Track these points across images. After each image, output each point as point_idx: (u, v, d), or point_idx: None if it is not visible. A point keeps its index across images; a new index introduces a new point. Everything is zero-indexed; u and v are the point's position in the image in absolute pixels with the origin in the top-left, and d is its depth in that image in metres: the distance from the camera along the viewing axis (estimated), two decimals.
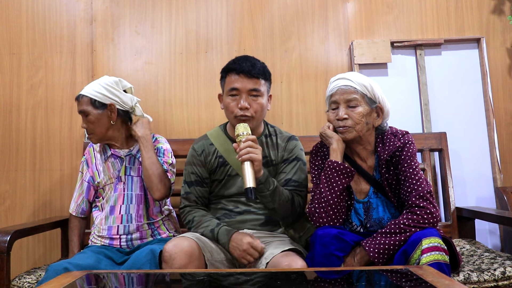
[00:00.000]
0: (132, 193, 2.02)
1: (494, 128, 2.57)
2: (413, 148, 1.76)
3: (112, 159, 2.07)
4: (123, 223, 1.99)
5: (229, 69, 1.87)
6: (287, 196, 1.79)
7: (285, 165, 1.90)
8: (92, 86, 2.00)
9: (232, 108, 1.84)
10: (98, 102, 1.98)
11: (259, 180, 1.72)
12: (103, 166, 2.07)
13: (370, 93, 1.75)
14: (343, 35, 2.67)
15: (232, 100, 1.84)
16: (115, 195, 2.03)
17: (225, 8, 2.66)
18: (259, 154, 1.67)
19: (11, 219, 2.55)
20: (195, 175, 1.91)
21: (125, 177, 2.04)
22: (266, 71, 1.89)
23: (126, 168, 2.05)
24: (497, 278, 1.71)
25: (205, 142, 1.95)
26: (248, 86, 1.83)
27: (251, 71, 1.82)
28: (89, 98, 1.98)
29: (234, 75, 1.84)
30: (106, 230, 2.00)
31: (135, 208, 2.01)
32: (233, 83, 1.84)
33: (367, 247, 1.61)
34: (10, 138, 2.59)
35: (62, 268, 1.66)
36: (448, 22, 2.68)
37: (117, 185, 2.04)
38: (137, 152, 2.07)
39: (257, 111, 1.84)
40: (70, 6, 2.65)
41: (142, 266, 1.70)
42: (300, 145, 1.96)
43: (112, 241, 1.99)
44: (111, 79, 2.02)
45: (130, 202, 2.01)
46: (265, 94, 1.87)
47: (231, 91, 1.84)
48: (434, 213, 1.62)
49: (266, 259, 1.70)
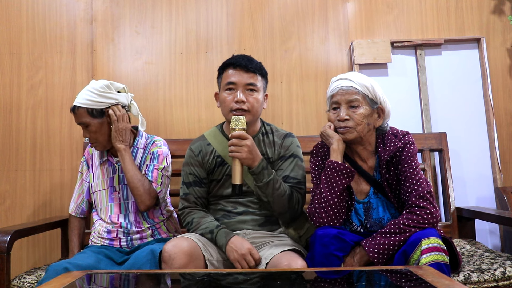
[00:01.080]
0: (128, 201, 2.02)
1: (494, 128, 2.57)
2: (413, 148, 1.76)
3: (106, 165, 2.05)
4: (123, 227, 1.99)
5: (226, 64, 1.89)
6: (284, 190, 1.79)
7: (281, 162, 1.91)
8: (84, 95, 1.93)
9: (228, 103, 1.84)
10: (95, 110, 1.93)
11: (253, 171, 1.74)
12: (98, 170, 2.07)
13: (371, 94, 1.75)
14: (343, 35, 2.67)
15: (228, 95, 1.85)
16: (111, 204, 2.02)
17: (225, 8, 2.66)
18: (242, 152, 1.69)
19: (11, 219, 2.55)
20: (193, 176, 1.92)
21: (119, 187, 2.02)
22: (263, 68, 1.90)
23: (120, 177, 2.03)
24: (497, 278, 1.71)
25: (202, 142, 1.95)
26: (245, 80, 1.84)
27: (247, 65, 1.84)
28: (85, 108, 1.92)
29: (231, 70, 1.86)
30: (106, 232, 2.00)
31: (133, 216, 2.01)
32: (230, 77, 1.85)
33: (366, 247, 1.61)
34: (10, 138, 2.59)
35: (62, 268, 1.66)
36: (448, 22, 2.68)
37: (112, 195, 2.02)
38: None
39: (253, 106, 1.84)
40: (70, 6, 2.65)
41: (142, 266, 1.69)
42: (297, 142, 1.96)
43: (112, 241, 1.99)
44: (100, 83, 1.95)
45: (128, 211, 2.01)
46: (261, 91, 1.88)
47: (227, 85, 1.85)
48: (434, 213, 1.62)
49: (266, 259, 1.70)
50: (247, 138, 1.71)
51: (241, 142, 1.70)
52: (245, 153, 1.69)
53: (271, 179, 1.76)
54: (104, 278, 1.46)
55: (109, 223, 2.00)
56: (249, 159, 1.71)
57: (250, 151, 1.71)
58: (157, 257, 1.72)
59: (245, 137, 1.71)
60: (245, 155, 1.69)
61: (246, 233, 1.86)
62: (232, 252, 1.71)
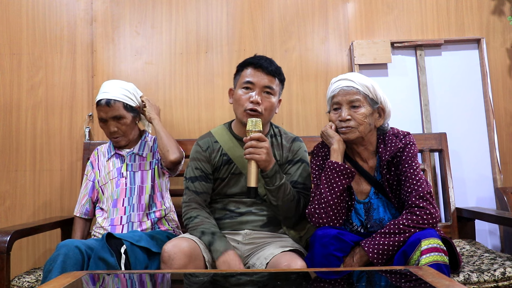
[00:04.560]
0: (134, 186, 2.08)
1: (494, 128, 2.57)
2: (414, 149, 1.76)
3: (114, 158, 2.14)
4: (126, 213, 2.04)
5: (247, 63, 1.88)
6: (293, 195, 1.79)
7: (289, 166, 1.91)
8: (118, 90, 2.07)
9: (243, 101, 1.83)
10: (129, 106, 2.08)
11: (266, 174, 1.73)
12: (105, 166, 2.15)
13: (372, 94, 1.75)
14: (343, 36, 2.67)
15: (244, 93, 1.84)
16: (118, 189, 2.08)
17: (225, 8, 2.66)
18: (262, 154, 1.68)
19: (11, 219, 2.56)
20: (200, 170, 1.90)
21: (127, 173, 2.10)
22: (282, 74, 1.91)
23: (128, 165, 2.11)
24: (497, 279, 1.70)
25: (210, 139, 1.95)
26: (263, 82, 1.83)
27: (268, 67, 1.84)
28: (122, 103, 2.05)
29: (251, 69, 1.85)
30: (108, 221, 2.04)
31: (137, 199, 2.06)
32: (249, 77, 1.84)
33: (366, 247, 1.61)
34: (10, 138, 2.59)
35: (73, 246, 1.69)
36: (448, 23, 2.68)
37: (119, 181, 2.09)
38: (138, 150, 2.14)
39: (267, 109, 1.84)
40: (70, 6, 2.65)
41: (99, 253, 1.69)
42: (305, 147, 1.97)
43: (114, 229, 2.01)
44: (131, 85, 2.14)
45: (132, 194, 2.07)
46: (277, 95, 1.89)
47: (245, 83, 1.84)
48: (434, 213, 1.62)
49: (266, 259, 1.70)
50: (265, 141, 1.70)
51: (260, 144, 1.69)
52: (264, 155, 1.68)
53: (283, 183, 1.76)
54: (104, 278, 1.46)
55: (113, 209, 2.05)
56: (267, 161, 1.70)
57: (268, 153, 1.70)
58: (105, 240, 1.72)
59: (263, 139, 1.70)
60: (264, 157, 1.68)
61: (247, 234, 1.86)
62: (225, 264, 1.67)
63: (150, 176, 2.11)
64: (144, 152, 2.15)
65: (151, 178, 2.11)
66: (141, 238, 1.83)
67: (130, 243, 1.77)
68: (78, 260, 1.67)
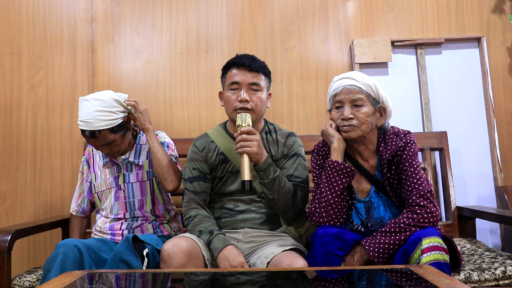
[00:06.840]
0: (134, 199, 2.03)
1: (494, 127, 2.57)
2: (414, 147, 1.76)
3: (109, 166, 2.07)
4: (127, 221, 2.03)
5: (229, 64, 1.90)
6: (288, 188, 1.79)
7: (285, 160, 1.91)
8: (99, 116, 1.86)
9: (232, 102, 1.85)
10: (116, 127, 1.91)
11: (259, 167, 1.74)
12: (101, 171, 2.08)
13: (374, 93, 1.75)
14: (344, 34, 2.67)
15: (232, 94, 1.86)
16: (117, 204, 2.03)
17: (225, 7, 2.66)
18: (253, 146, 1.69)
19: (11, 218, 2.56)
20: (197, 171, 1.91)
21: (124, 185, 2.04)
22: (266, 68, 1.91)
23: (125, 175, 2.04)
24: (498, 277, 1.70)
25: (206, 139, 1.96)
26: (248, 80, 1.85)
27: (251, 65, 1.85)
28: (107, 129, 1.89)
29: (234, 69, 1.87)
30: (108, 227, 2.03)
31: (139, 213, 2.03)
32: (234, 77, 1.86)
33: (366, 246, 1.61)
34: (11, 137, 2.59)
35: (72, 245, 1.69)
36: (448, 21, 2.67)
37: (117, 194, 2.04)
38: (134, 158, 2.05)
39: (257, 105, 1.85)
40: (70, 5, 2.65)
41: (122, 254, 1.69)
42: (299, 141, 1.97)
43: (114, 236, 2.01)
44: (108, 99, 1.89)
45: (133, 209, 2.03)
46: (264, 90, 1.89)
47: (231, 85, 1.87)
48: (434, 212, 1.62)
49: (267, 258, 1.70)
50: (255, 133, 1.72)
51: (250, 137, 1.70)
52: (256, 147, 1.69)
53: (277, 176, 1.76)
54: (104, 278, 1.46)
55: (114, 220, 2.02)
56: (259, 154, 1.71)
57: (260, 146, 1.72)
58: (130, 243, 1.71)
59: (253, 132, 1.72)
60: (255, 149, 1.69)
61: (246, 232, 1.86)
62: (225, 260, 1.68)
63: (148, 188, 2.04)
64: (140, 160, 2.05)
65: (150, 191, 2.05)
66: (159, 242, 1.84)
67: (152, 246, 1.78)
68: (76, 259, 1.68)
